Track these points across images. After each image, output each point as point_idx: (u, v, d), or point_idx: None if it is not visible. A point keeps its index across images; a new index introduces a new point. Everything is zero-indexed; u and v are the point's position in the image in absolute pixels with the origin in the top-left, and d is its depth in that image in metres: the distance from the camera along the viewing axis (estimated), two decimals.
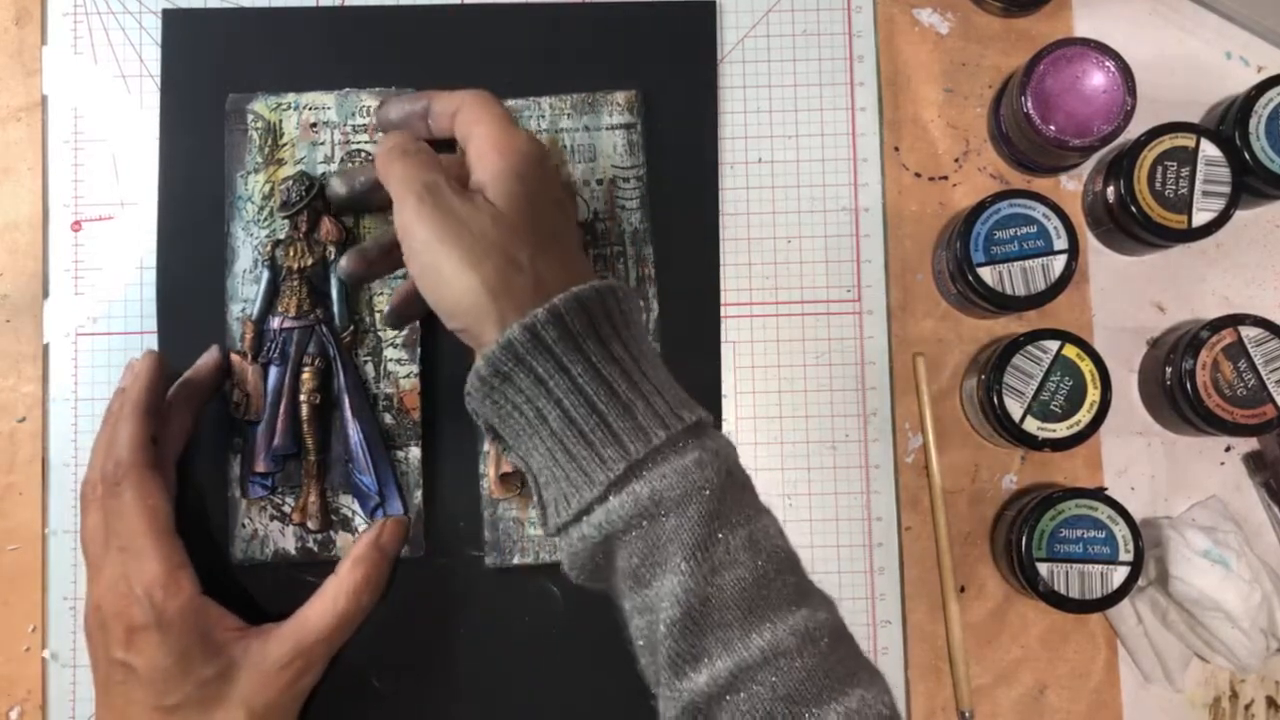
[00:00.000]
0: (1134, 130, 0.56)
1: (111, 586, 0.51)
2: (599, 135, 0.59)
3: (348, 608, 0.53)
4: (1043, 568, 0.54)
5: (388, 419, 0.57)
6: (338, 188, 0.55)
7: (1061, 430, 0.55)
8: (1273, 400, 0.55)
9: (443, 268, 0.44)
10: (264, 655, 0.51)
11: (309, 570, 0.57)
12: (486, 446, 0.58)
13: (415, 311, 0.55)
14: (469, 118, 0.49)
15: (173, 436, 0.55)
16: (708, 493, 0.42)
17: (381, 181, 0.48)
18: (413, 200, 0.45)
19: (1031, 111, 0.56)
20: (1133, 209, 0.56)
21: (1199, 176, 0.56)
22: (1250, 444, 0.60)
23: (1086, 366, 0.55)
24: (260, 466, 0.57)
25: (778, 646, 0.40)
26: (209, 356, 0.57)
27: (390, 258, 0.53)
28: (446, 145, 0.50)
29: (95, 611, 0.51)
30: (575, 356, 0.43)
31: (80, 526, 0.52)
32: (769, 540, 0.43)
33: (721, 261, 0.60)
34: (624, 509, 0.42)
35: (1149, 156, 0.56)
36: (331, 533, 0.57)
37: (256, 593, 0.57)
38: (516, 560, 0.57)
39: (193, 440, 0.56)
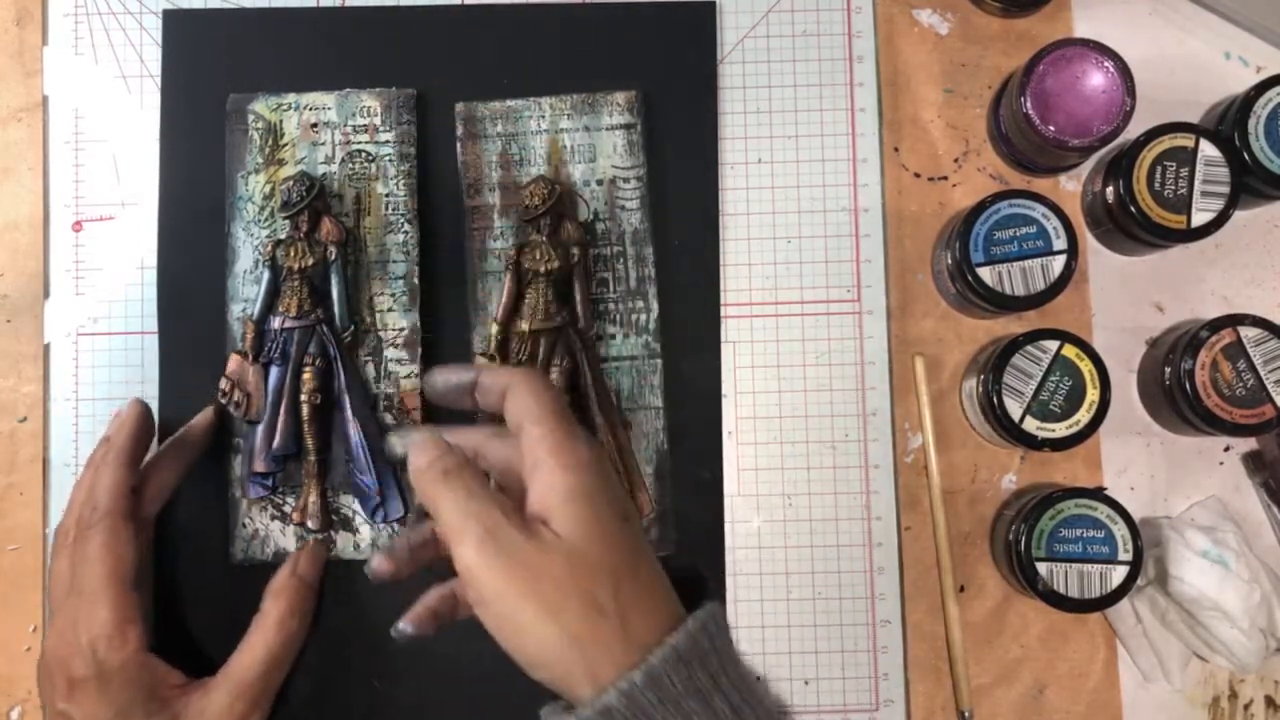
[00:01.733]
0: (1133, 130, 0.56)
1: (60, 634, 0.50)
2: (599, 135, 0.59)
3: (275, 641, 0.53)
4: (1042, 567, 0.55)
5: (388, 419, 0.58)
6: (395, 448, 0.51)
7: (1061, 430, 0.55)
8: (1271, 400, 0.55)
9: (520, 618, 0.42)
10: (204, 708, 0.51)
11: None
12: None
13: (447, 620, 0.49)
14: (521, 405, 0.45)
15: (154, 491, 0.54)
16: None
17: (425, 505, 0.45)
18: (474, 543, 0.42)
19: (1031, 112, 0.56)
20: (1132, 209, 0.56)
21: (1198, 177, 0.56)
22: (1249, 444, 0.60)
23: (1086, 366, 0.55)
24: (260, 466, 0.57)
25: None
26: (203, 417, 0.57)
27: (420, 557, 0.48)
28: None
29: (42, 658, 0.51)
30: None
31: (49, 571, 0.52)
32: None
33: (721, 261, 0.60)
34: None
35: (1148, 157, 0.56)
36: (332, 533, 0.57)
37: (256, 593, 0.57)
38: None
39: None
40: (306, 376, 0.57)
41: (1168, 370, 0.56)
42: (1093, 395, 0.55)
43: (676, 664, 0.41)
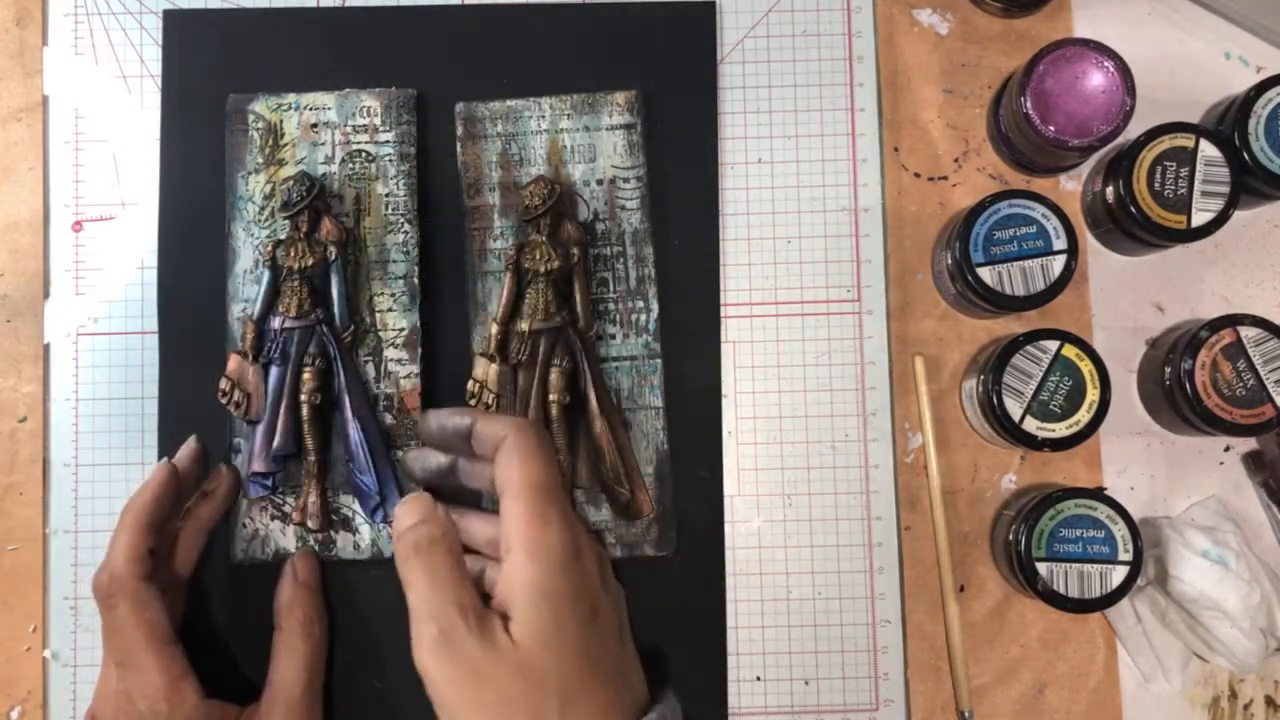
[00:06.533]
0: (1133, 130, 0.56)
1: (111, 700, 0.51)
2: (599, 135, 0.59)
3: (305, 650, 0.54)
4: (1042, 567, 0.55)
5: (388, 419, 0.58)
6: (412, 467, 0.55)
7: (1061, 430, 0.55)
8: (1271, 400, 0.55)
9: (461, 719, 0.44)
10: None
11: None
12: None
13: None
14: (506, 473, 0.47)
15: (183, 549, 0.55)
16: None
17: (400, 575, 0.47)
18: (428, 643, 0.44)
19: (1031, 112, 0.56)
20: (1132, 209, 0.56)
21: (1198, 177, 0.56)
22: (1249, 444, 0.60)
23: (1086, 366, 0.55)
24: (260, 466, 0.57)
25: None
26: (186, 450, 0.57)
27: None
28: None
29: None
30: None
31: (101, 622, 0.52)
32: None
33: (721, 261, 0.60)
34: None
35: (1148, 157, 0.56)
36: (332, 533, 0.57)
37: (257, 592, 0.57)
38: None
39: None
40: (306, 376, 0.57)
41: (1168, 370, 0.56)
42: (1093, 395, 0.55)
43: None
